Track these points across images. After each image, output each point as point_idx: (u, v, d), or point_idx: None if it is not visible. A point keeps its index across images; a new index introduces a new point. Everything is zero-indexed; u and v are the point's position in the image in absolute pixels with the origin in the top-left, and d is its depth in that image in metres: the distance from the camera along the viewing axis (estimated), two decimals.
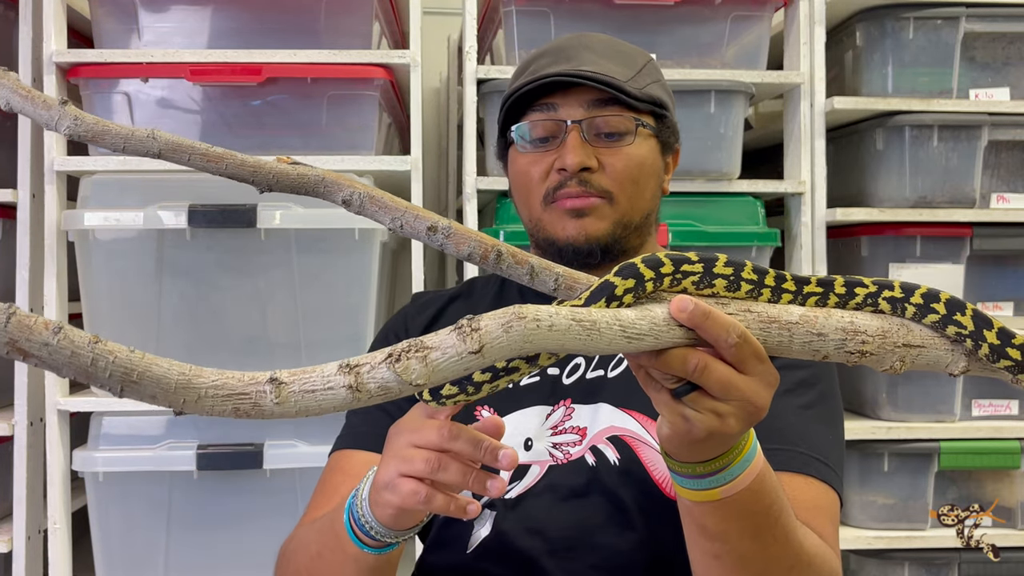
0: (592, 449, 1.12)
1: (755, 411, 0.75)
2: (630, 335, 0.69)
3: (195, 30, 1.99)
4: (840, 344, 0.74)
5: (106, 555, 1.89)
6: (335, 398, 0.61)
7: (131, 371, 0.58)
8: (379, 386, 0.61)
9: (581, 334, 0.66)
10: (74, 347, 0.57)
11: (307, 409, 0.61)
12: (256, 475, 1.88)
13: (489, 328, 0.62)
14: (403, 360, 0.61)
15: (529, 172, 1.18)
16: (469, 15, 2.02)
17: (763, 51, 2.09)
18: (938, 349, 0.75)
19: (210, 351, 1.91)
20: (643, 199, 1.18)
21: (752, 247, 1.99)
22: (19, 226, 1.93)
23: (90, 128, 0.75)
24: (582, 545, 1.09)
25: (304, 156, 1.91)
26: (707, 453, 0.79)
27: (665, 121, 1.20)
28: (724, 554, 0.87)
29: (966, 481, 2.10)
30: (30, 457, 1.92)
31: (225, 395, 0.60)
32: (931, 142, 2.05)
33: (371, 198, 0.77)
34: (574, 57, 1.17)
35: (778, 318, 0.74)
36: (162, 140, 0.76)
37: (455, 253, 0.76)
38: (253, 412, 0.60)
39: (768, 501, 0.85)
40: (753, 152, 2.41)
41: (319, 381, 0.61)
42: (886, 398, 2.07)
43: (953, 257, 2.06)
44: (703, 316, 0.70)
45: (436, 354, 0.62)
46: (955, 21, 2.05)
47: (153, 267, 1.88)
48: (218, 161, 0.79)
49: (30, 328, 0.56)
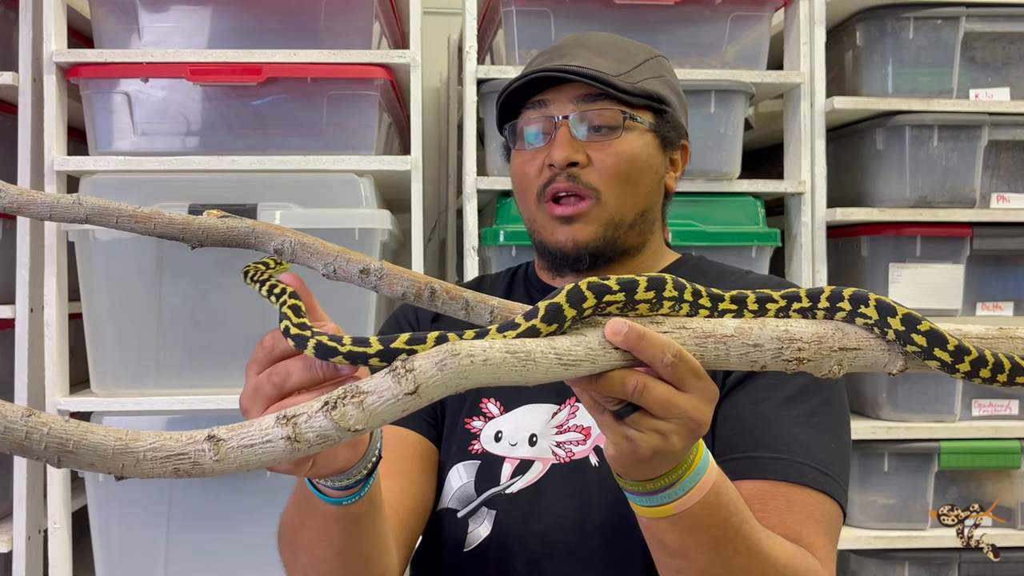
0: (595, 449, 1.12)
1: (696, 427, 0.75)
2: (566, 362, 0.69)
3: (195, 30, 1.99)
4: (776, 353, 0.74)
5: (106, 555, 1.89)
6: (274, 450, 0.61)
7: (66, 441, 0.57)
8: (317, 435, 0.61)
9: (516, 366, 0.66)
10: (6, 422, 0.56)
11: (247, 463, 0.61)
12: (256, 475, 1.88)
13: (423, 368, 0.62)
14: (339, 407, 0.61)
15: (524, 170, 1.18)
16: (469, 15, 2.02)
17: (763, 51, 2.09)
18: (874, 350, 0.75)
19: (210, 351, 1.91)
20: (635, 195, 1.16)
21: (752, 247, 1.99)
22: (19, 226, 1.93)
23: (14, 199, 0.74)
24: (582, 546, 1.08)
25: (304, 156, 1.92)
26: (654, 471, 0.79)
27: (665, 116, 1.18)
28: (686, 569, 0.87)
29: (966, 481, 2.10)
30: None
31: (163, 457, 0.60)
32: (931, 142, 2.05)
33: (303, 245, 0.77)
34: (567, 54, 1.17)
35: (713, 332, 0.74)
36: (88, 205, 0.76)
37: (389, 294, 0.76)
38: (193, 471, 0.60)
39: (726, 514, 0.84)
40: (753, 152, 2.41)
41: (257, 435, 0.61)
42: (886, 398, 2.07)
43: (953, 257, 2.06)
44: (637, 338, 0.70)
45: (372, 398, 0.62)
46: (955, 21, 2.05)
47: (153, 268, 1.88)
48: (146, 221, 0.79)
49: None
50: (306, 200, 1.90)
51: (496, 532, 1.11)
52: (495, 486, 1.12)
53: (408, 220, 1.99)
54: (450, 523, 1.13)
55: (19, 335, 1.92)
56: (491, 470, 1.13)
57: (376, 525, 0.94)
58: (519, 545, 1.09)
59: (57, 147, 1.92)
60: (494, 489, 1.12)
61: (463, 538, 1.12)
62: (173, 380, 1.91)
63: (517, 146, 1.20)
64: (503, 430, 1.14)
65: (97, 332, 1.90)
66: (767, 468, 0.88)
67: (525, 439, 1.13)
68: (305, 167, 1.92)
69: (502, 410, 1.16)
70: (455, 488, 1.13)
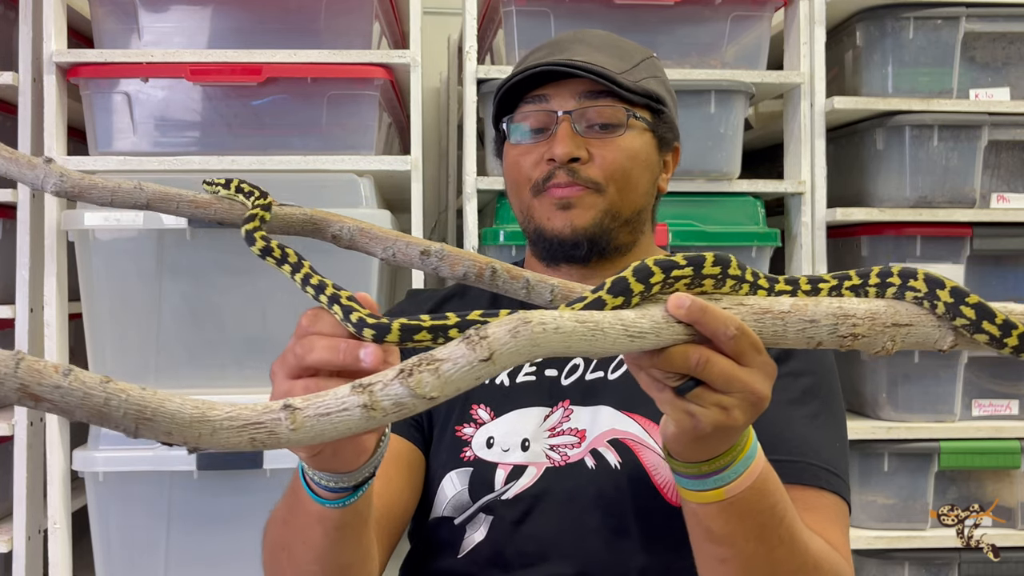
0: (592, 452, 1.11)
1: (757, 401, 0.76)
2: (632, 334, 0.69)
3: (195, 30, 1.99)
4: (832, 329, 0.74)
5: (106, 555, 1.89)
6: (350, 419, 0.61)
7: (144, 408, 0.57)
8: (393, 402, 0.61)
9: (586, 335, 0.66)
10: (86, 388, 0.56)
11: (323, 433, 0.61)
12: (256, 475, 1.88)
13: (497, 335, 0.62)
14: (415, 375, 0.61)
15: (520, 164, 1.17)
16: (469, 15, 2.02)
17: (763, 51, 2.08)
18: (926, 326, 0.76)
19: (210, 351, 1.91)
20: (634, 193, 1.15)
21: (752, 247, 1.99)
22: (19, 226, 1.93)
23: (76, 184, 0.75)
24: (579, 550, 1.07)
25: (304, 156, 1.92)
26: (712, 450, 0.80)
27: (662, 116, 1.18)
28: (730, 558, 0.87)
29: (966, 481, 2.10)
30: (30, 457, 1.92)
31: (240, 426, 0.59)
32: (931, 142, 2.05)
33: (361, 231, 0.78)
34: (567, 49, 1.16)
35: (771, 309, 0.75)
36: (149, 191, 0.76)
37: (449, 275, 0.76)
38: (269, 441, 0.60)
39: (772, 500, 0.85)
40: (753, 152, 2.41)
41: (333, 404, 0.61)
42: (886, 398, 2.07)
43: (953, 257, 2.06)
44: (700, 311, 0.71)
45: (447, 365, 0.62)
46: (955, 21, 2.05)
47: (153, 267, 1.88)
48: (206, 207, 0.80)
49: (40, 372, 0.55)
50: (306, 200, 1.87)
51: (491, 537, 1.10)
52: (489, 492, 1.11)
53: (408, 220, 1.99)
54: (445, 531, 1.12)
55: (19, 335, 1.92)
56: (484, 476, 1.12)
57: (359, 537, 0.93)
58: (514, 549, 1.08)
59: (57, 147, 1.92)
60: (489, 496, 1.11)
61: (458, 544, 1.11)
62: (173, 380, 1.91)
63: (514, 140, 1.18)
64: (495, 436, 1.13)
65: (97, 332, 1.90)
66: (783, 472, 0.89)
67: (517, 444, 1.12)
68: (305, 167, 1.92)
69: (492, 415, 1.15)
70: (449, 496, 1.12)
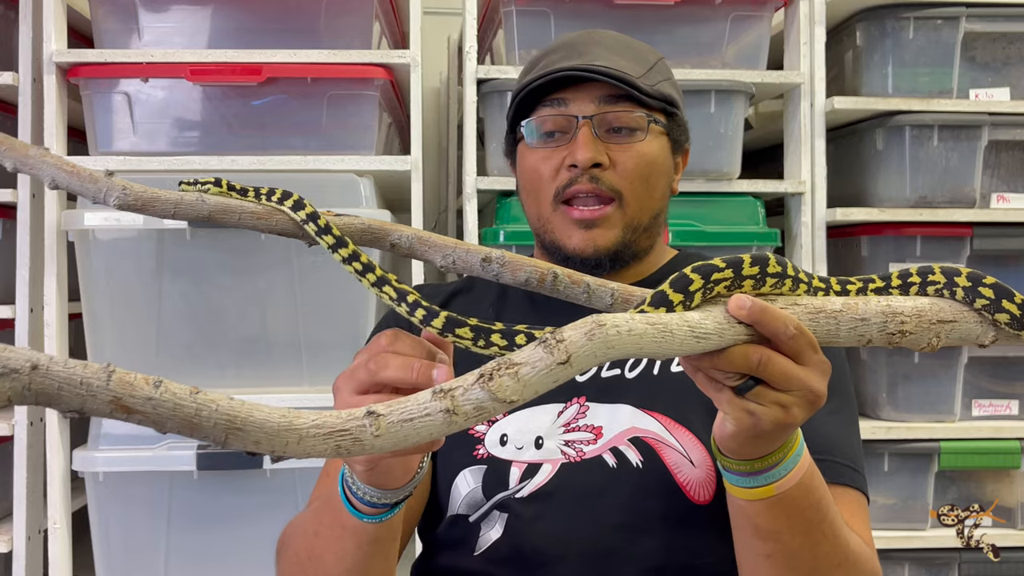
0: (612, 450, 1.10)
1: (815, 399, 0.77)
2: (698, 335, 0.72)
3: (195, 30, 1.99)
4: (882, 327, 0.76)
5: (106, 555, 1.89)
6: (433, 423, 0.61)
7: (234, 418, 0.58)
8: (474, 406, 0.62)
9: (656, 337, 0.68)
10: (176, 399, 0.57)
11: (406, 438, 0.61)
12: (256, 475, 1.88)
13: (573, 338, 0.64)
14: (495, 379, 0.62)
15: (539, 169, 1.16)
16: (469, 15, 2.02)
17: (763, 51, 2.09)
18: (968, 322, 0.78)
19: (210, 351, 1.91)
20: (652, 199, 1.16)
21: (752, 247, 1.99)
22: (19, 226, 1.93)
23: (139, 197, 0.76)
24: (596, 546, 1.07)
25: (304, 156, 1.92)
26: (766, 448, 0.82)
27: (676, 119, 1.19)
28: (775, 553, 0.90)
29: (966, 481, 2.10)
30: (30, 457, 1.92)
31: (325, 434, 0.60)
32: (931, 142, 2.05)
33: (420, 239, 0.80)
34: (585, 52, 1.15)
35: (824, 308, 0.77)
36: (211, 203, 0.78)
37: (511, 281, 0.78)
38: (354, 448, 0.60)
39: (817, 496, 0.88)
40: (753, 152, 2.41)
41: (416, 409, 0.61)
42: (886, 398, 2.07)
43: (953, 257, 2.06)
44: (761, 311, 0.73)
45: (526, 369, 0.63)
46: (955, 21, 2.05)
47: (153, 267, 1.88)
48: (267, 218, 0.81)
49: (132, 384, 0.56)
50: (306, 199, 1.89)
51: (507, 534, 1.09)
52: (504, 490, 1.10)
53: (408, 220, 1.99)
54: (460, 529, 1.12)
55: (19, 335, 1.92)
56: (498, 474, 1.11)
57: (388, 551, 0.96)
58: (531, 547, 1.08)
59: (57, 147, 1.92)
60: (504, 493, 1.10)
61: (474, 542, 1.10)
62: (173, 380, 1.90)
63: (532, 143, 1.17)
64: (508, 433, 1.13)
65: (97, 332, 1.90)
66: None
67: (531, 442, 1.11)
68: (305, 167, 1.92)
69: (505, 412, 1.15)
70: (463, 494, 1.12)
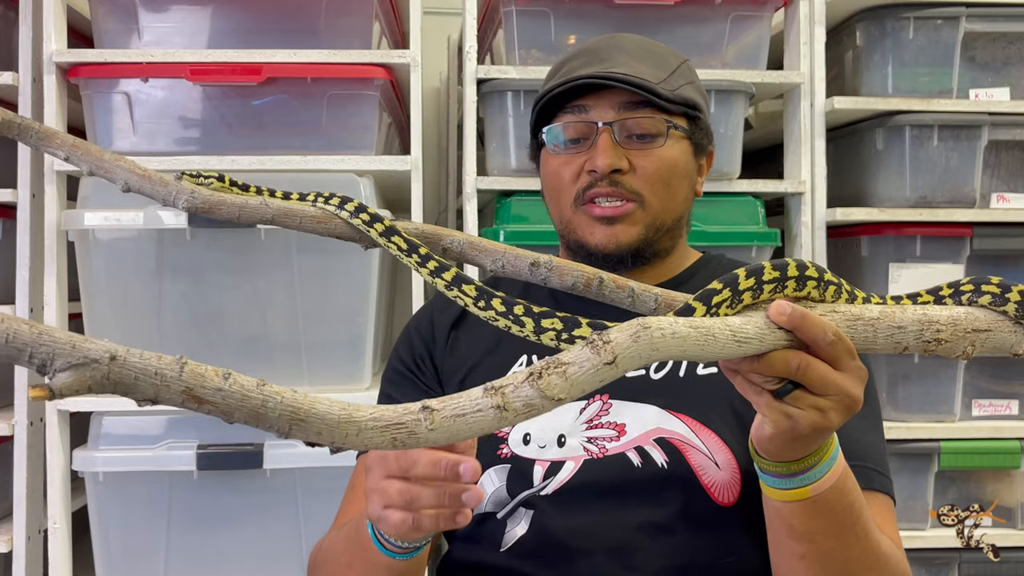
0: (637, 450, 1.11)
1: (851, 403, 0.79)
2: (739, 339, 0.74)
3: (195, 30, 1.99)
4: (918, 334, 0.78)
5: (106, 555, 1.89)
6: (484, 419, 0.64)
7: (298, 410, 0.61)
8: (524, 403, 0.65)
9: (699, 340, 0.71)
10: (244, 390, 0.60)
11: (459, 432, 0.64)
12: (256, 475, 1.88)
13: (619, 340, 0.67)
14: (544, 377, 0.65)
15: (560, 174, 1.18)
16: (469, 15, 2.02)
17: (763, 51, 2.08)
18: (1003, 331, 0.80)
19: (210, 351, 1.91)
20: (675, 201, 1.18)
21: (752, 247, 1.99)
22: (19, 226, 1.93)
23: (207, 200, 0.80)
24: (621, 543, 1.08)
25: (304, 156, 1.92)
26: (803, 450, 0.84)
27: (698, 123, 1.20)
28: (809, 554, 0.93)
29: (966, 481, 2.10)
30: (30, 457, 1.92)
31: (383, 426, 0.63)
32: (931, 142, 2.05)
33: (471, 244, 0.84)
34: (607, 59, 1.16)
35: (861, 315, 0.79)
36: (274, 207, 0.82)
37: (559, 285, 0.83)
38: (409, 440, 0.63)
39: (851, 499, 0.91)
40: (753, 152, 2.41)
41: (468, 405, 0.64)
42: (886, 398, 2.07)
43: (953, 257, 2.06)
44: (800, 318, 0.75)
45: (574, 368, 0.65)
46: (955, 21, 2.05)
47: (153, 267, 1.88)
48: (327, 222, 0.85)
49: (203, 375, 0.59)
50: None
51: (533, 531, 1.10)
52: (528, 488, 1.11)
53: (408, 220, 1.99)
54: (486, 526, 1.13)
55: None
56: (522, 473, 1.12)
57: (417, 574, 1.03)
58: (557, 543, 1.09)
59: None
60: (528, 491, 1.11)
61: (500, 539, 1.12)
62: None
63: (553, 149, 1.19)
64: (531, 432, 1.14)
65: (97, 332, 1.90)
66: None
67: (554, 440, 1.13)
68: (305, 167, 1.92)
69: None
70: (489, 493, 1.13)
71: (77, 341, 0.57)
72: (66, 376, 0.57)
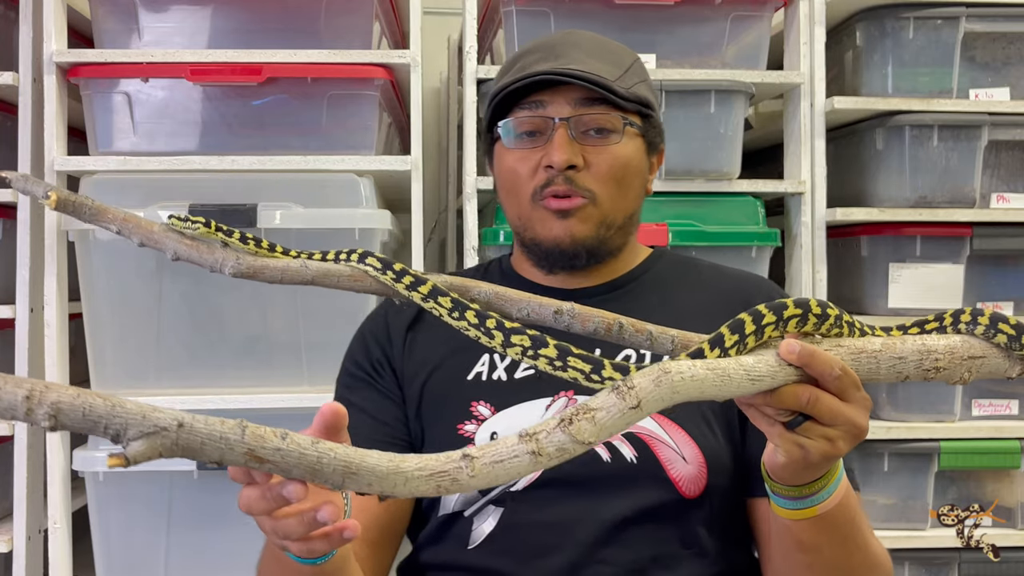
0: (607, 445, 1.11)
1: (858, 432, 0.84)
2: (753, 377, 0.78)
3: (195, 30, 1.99)
4: (918, 364, 0.83)
5: (106, 555, 1.89)
6: (520, 464, 0.69)
7: (350, 464, 0.65)
8: (557, 448, 0.69)
9: (716, 381, 0.75)
10: (301, 448, 0.64)
11: (497, 477, 0.69)
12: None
13: (643, 385, 0.72)
14: (575, 423, 0.70)
15: (516, 169, 1.19)
16: (469, 15, 2.02)
17: (763, 51, 2.08)
18: (996, 358, 0.85)
19: (210, 351, 1.91)
20: (626, 199, 1.19)
21: (752, 247, 1.99)
22: (19, 226, 1.93)
23: (251, 265, 0.87)
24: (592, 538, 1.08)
25: (304, 156, 1.92)
26: (814, 475, 0.89)
27: (651, 121, 1.21)
28: (815, 563, 0.99)
29: (966, 481, 2.10)
30: (30, 457, 1.92)
31: (428, 475, 0.67)
32: (931, 142, 2.05)
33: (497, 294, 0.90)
34: (562, 55, 1.17)
35: (864, 348, 0.83)
36: (314, 269, 0.89)
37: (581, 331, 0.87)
38: (452, 487, 0.68)
39: (852, 512, 0.97)
40: (753, 152, 2.41)
41: (505, 451, 0.69)
42: (886, 398, 2.07)
43: (953, 257, 2.06)
44: (809, 355, 0.79)
45: (601, 414, 0.70)
46: (955, 21, 2.05)
47: (153, 267, 1.88)
48: (362, 280, 0.91)
49: (262, 437, 0.64)
50: (306, 200, 1.90)
51: (501, 527, 1.10)
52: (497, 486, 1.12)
53: (408, 220, 1.99)
54: (454, 526, 1.13)
55: (19, 335, 1.92)
56: None
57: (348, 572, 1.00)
58: (526, 538, 1.09)
59: (57, 147, 1.92)
60: (498, 489, 1.11)
61: (467, 536, 1.12)
62: (173, 380, 1.91)
63: (509, 144, 1.20)
64: (498, 431, 1.14)
65: (97, 332, 1.90)
66: None
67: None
68: (305, 167, 1.92)
69: (493, 411, 1.16)
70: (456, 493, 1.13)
71: (147, 411, 0.62)
72: (139, 444, 0.61)
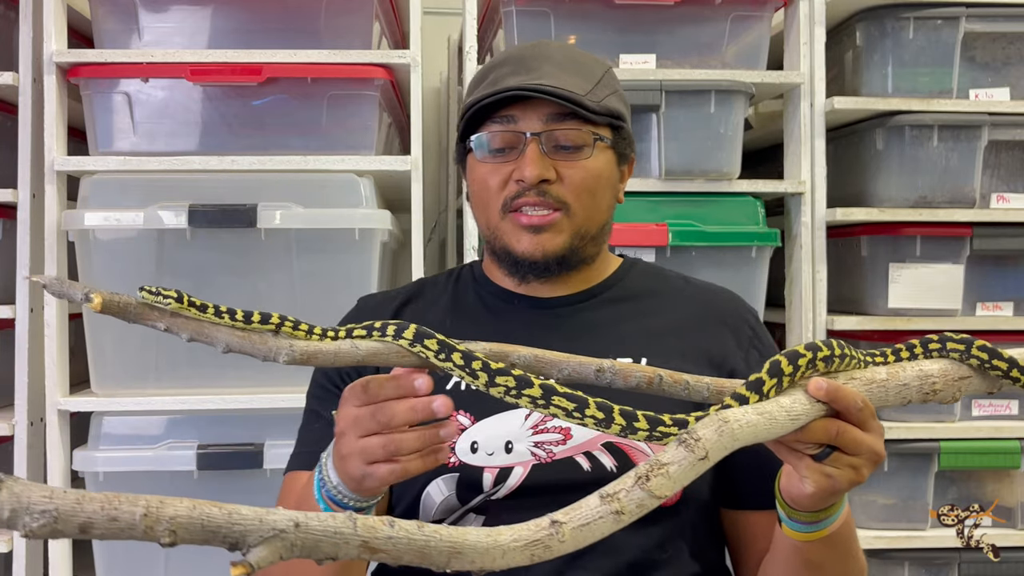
0: (587, 455, 1.12)
1: (878, 459, 0.90)
2: (792, 416, 0.85)
3: (195, 30, 1.99)
4: (919, 388, 0.91)
5: (106, 555, 1.89)
6: (605, 524, 0.73)
7: (455, 544, 0.68)
8: (637, 504, 0.74)
9: (765, 424, 0.82)
10: (409, 534, 0.67)
11: (585, 539, 0.72)
12: (256, 475, 1.88)
13: (708, 436, 0.78)
14: (651, 479, 0.74)
15: (487, 182, 1.19)
16: (469, 15, 2.02)
17: (763, 51, 2.08)
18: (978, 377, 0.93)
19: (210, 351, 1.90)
20: (599, 211, 1.20)
21: (752, 247, 1.99)
22: (19, 226, 1.93)
23: (304, 352, 0.88)
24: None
25: (304, 156, 1.92)
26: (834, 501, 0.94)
27: (621, 132, 1.22)
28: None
29: (966, 481, 2.10)
30: (30, 457, 1.92)
31: (523, 545, 0.70)
32: (931, 142, 2.05)
33: (536, 357, 0.92)
34: (534, 68, 1.17)
35: (874, 379, 0.91)
36: (364, 349, 0.89)
37: (623, 386, 0.92)
38: (544, 554, 0.71)
39: (851, 529, 1.03)
40: (753, 152, 2.41)
41: (590, 514, 0.73)
42: None
43: (953, 257, 2.06)
44: (835, 391, 0.86)
45: (674, 467, 0.76)
46: (955, 21, 2.05)
47: (153, 267, 1.88)
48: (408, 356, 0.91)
49: (374, 527, 0.66)
50: (306, 200, 1.90)
51: None
52: (478, 494, 1.13)
53: (408, 220, 1.99)
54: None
55: (19, 335, 1.92)
56: (472, 480, 1.13)
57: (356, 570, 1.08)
58: None
59: (57, 147, 1.92)
60: (480, 497, 1.12)
61: None
62: (173, 380, 1.91)
63: (481, 157, 1.20)
64: (478, 440, 1.15)
65: (97, 332, 1.90)
66: None
67: (501, 447, 1.14)
68: (305, 167, 1.92)
69: (473, 420, 1.16)
70: (437, 503, 1.14)
71: (262, 515, 0.64)
72: (260, 550, 0.64)
